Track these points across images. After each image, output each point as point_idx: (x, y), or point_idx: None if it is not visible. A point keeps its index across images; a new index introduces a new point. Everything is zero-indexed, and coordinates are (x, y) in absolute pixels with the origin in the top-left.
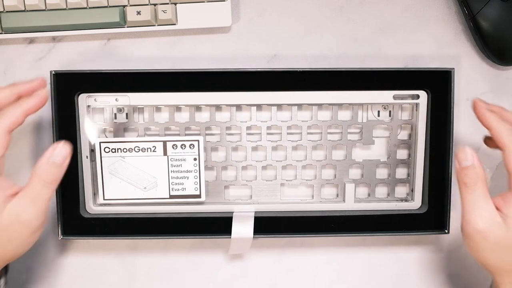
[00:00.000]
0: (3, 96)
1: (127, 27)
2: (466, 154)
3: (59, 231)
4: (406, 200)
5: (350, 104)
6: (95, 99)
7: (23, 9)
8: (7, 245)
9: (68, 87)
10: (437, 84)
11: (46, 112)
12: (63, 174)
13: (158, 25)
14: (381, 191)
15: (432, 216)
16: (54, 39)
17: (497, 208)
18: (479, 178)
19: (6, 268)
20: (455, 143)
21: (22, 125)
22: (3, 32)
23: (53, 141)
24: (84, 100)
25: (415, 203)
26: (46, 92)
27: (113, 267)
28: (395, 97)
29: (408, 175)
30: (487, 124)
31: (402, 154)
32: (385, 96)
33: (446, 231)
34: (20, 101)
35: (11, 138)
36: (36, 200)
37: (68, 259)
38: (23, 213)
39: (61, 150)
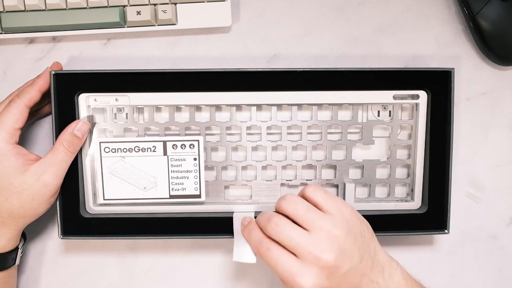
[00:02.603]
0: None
1: (127, 27)
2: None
3: (59, 231)
4: (406, 200)
5: (350, 104)
6: (95, 99)
7: (23, 9)
8: (29, 203)
9: (68, 87)
10: (437, 84)
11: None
12: (81, 146)
13: (158, 25)
14: (381, 191)
15: (432, 216)
16: (54, 39)
17: None
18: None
19: (24, 238)
20: (455, 143)
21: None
22: (3, 32)
23: (53, 141)
24: (84, 100)
25: (415, 203)
26: (49, 70)
27: (113, 267)
28: (395, 97)
29: (408, 175)
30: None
31: (402, 154)
32: (385, 96)
33: (446, 231)
34: (34, 80)
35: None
36: (59, 164)
37: (68, 259)
38: (46, 174)
39: (82, 126)
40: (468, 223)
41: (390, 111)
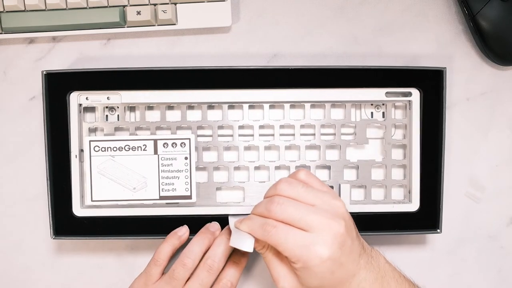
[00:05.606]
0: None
1: (127, 27)
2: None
3: (51, 231)
4: (403, 202)
5: (342, 102)
6: (86, 98)
7: (23, 9)
8: None
9: (60, 86)
10: (429, 83)
11: (38, 111)
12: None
13: (158, 25)
14: (377, 192)
15: (425, 216)
16: (54, 39)
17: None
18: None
19: None
20: (455, 143)
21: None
22: (3, 32)
23: (45, 140)
24: (75, 99)
25: (413, 205)
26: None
27: (110, 266)
28: (387, 95)
29: (405, 176)
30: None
31: (397, 154)
32: (378, 94)
33: (439, 230)
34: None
35: None
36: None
37: (63, 259)
38: None
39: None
40: (468, 223)
41: (383, 112)
